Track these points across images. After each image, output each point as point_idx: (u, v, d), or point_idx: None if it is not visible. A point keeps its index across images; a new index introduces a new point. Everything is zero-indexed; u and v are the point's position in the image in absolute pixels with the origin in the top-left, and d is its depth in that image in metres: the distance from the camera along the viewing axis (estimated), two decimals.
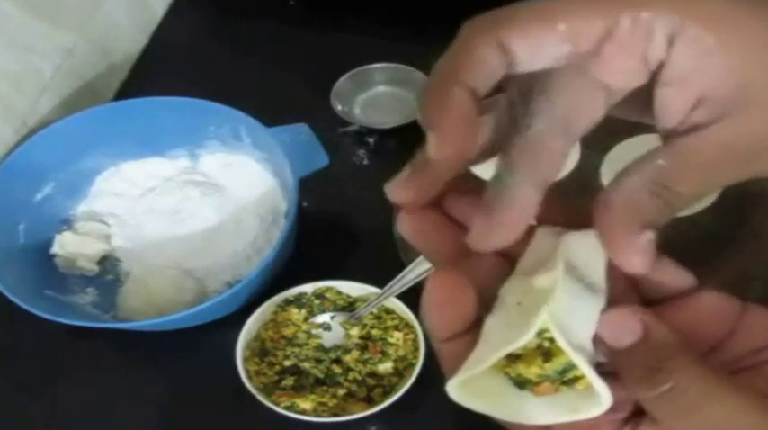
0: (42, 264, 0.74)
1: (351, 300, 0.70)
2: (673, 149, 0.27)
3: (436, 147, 0.26)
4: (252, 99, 0.77)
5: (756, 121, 0.27)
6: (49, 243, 0.75)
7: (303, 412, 0.63)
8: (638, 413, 0.26)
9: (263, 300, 0.68)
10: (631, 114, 0.31)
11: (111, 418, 0.68)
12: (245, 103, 0.76)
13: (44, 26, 0.82)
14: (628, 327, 0.26)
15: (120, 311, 0.73)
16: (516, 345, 0.26)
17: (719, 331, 0.28)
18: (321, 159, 0.73)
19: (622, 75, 0.28)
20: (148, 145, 0.81)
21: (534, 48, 0.27)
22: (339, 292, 0.70)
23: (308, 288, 0.70)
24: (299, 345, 0.68)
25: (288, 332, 0.68)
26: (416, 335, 0.66)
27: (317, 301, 0.70)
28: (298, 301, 0.70)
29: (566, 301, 0.26)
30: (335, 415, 0.63)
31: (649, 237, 0.26)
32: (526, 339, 0.25)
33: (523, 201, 0.27)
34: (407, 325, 0.67)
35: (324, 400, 0.64)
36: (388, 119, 0.85)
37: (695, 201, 0.27)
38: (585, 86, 0.28)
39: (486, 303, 0.28)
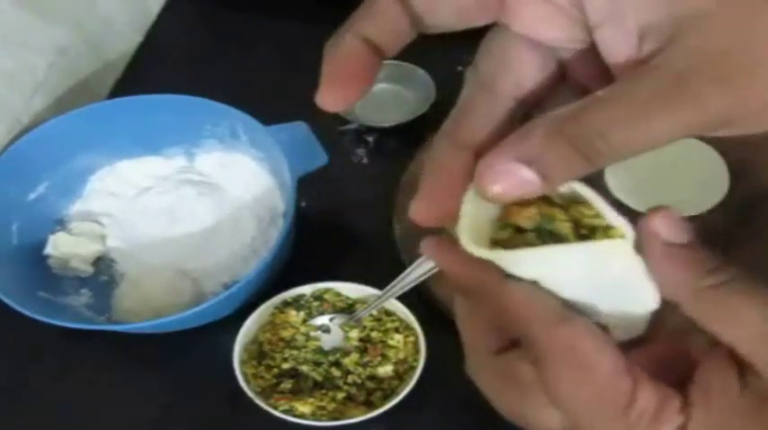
0: (36, 265, 0.73)
1: (350, 301, 0.69)
2: (618, 83, 0.25)
3: (321, 93, 0.27)
4: (249, 97, 0.76)
5: (698, 43, 0.24)
6: (42, 243, 0.74)
7: (302, 416, 0.62)
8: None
9: (261, 302, 0.67)
10: None
11: (107, 421, 0.67)
12: (242, 101, 0.75)
13: (38, 23, 0.81)
14: (679, 228, 0.26)
15: (114, 313, 0.72)
16: None
17: None
18: (320, 158, 0.72)
19: (539, 23, 0.27)
20: (144, 144, 0.80)
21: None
22: (338, 294, 0.69)
23: (306, 289, 0.69)
24: (298, 348, 0.67)
25: (286, 334, 0.67)
26: (417, 338, 0.65)
27: (315, 303, 0.69)
28: (296, 303, 0.69)
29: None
30: (335, 418, 0.62)
31: (527, 175, 0.24)
32: None
33: (453, 163, 0.28)
34: (408, 327, 0.66)
35: (323, 404, 0.63)
36: (387, 117, 0.84)
37: (624, 157, 0.24)
38: (511, 45, 0.28)
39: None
